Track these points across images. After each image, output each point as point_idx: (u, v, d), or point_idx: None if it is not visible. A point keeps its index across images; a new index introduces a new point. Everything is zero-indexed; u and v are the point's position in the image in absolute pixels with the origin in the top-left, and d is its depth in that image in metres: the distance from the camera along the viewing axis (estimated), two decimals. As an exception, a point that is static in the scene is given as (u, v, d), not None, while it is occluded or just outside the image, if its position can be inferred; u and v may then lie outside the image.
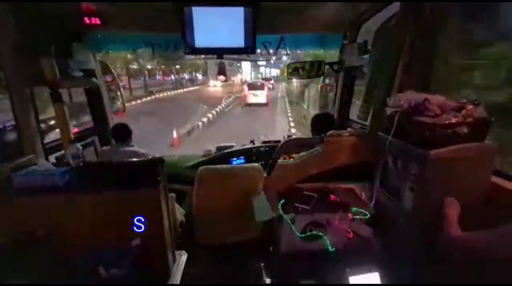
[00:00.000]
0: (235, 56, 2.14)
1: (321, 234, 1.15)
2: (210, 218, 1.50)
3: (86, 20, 1.73)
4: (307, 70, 2.35)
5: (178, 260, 1.55)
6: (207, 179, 1.49)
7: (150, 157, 2.21)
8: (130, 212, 1.31)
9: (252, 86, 15.07)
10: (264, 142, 2.50)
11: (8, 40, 1.34)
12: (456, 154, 0.98)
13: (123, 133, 2.18)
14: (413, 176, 1.06)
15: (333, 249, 1.12)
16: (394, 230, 1.18)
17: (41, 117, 1.55)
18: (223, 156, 2.34)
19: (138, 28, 1.94)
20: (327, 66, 2.33)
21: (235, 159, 2.30)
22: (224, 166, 1.53)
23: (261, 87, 14.78)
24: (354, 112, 2.21)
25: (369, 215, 1.23)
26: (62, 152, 1.74)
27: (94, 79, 1.99)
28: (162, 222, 1.41)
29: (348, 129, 2.12)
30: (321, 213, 1.19)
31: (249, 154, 2.34)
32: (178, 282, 1.46)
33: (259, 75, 35.74)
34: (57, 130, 1.69)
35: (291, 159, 1.49)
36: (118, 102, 2.63)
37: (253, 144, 2.50)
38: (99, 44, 2.05)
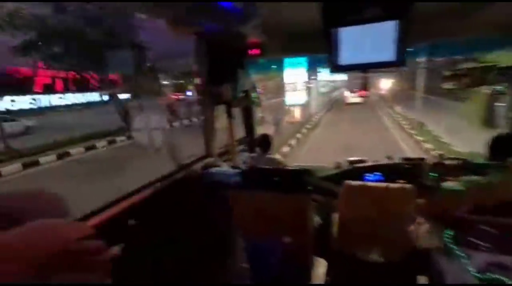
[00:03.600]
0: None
1: (506, 281, 0.95)
2: (353, 232, 1.51)
3: (250, 51, 2.15)
4: (470, 76, 1.98)
5: (317, 266, 1.65)
6: (352, 194, 1.52)
7: (286, 165, 2.46)
8: (282, 213, 1.52)
9: (351, 91, 20.78)
10: (404, 159, 2.27)
11: (204, 72, 1.87)
12: None
13: (265, 143, 2.54)
14: None
15: None
16: None
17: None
18: (357, 170, 2.30)
19: (288, 52, 2.22)
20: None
21: (369, 174, 2.21)
22: (373, 183, 1.51)
23: (358, 91, 19.71)
24: None
25: None
26: (226, 156, 2.22)
27: (250, 98, 2.44)
28: (307, 227, 1.56)
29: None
30: (506, 254, 0.98)
31: (386, 171, 2.19)
32: None
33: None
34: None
35: (456, 183, 1.30)
36: (259, 115, 3.08)
37: (391, 159, 2.32)
38: (255, 68, 2.49)
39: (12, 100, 18.92)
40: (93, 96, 23.76)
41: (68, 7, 9.13)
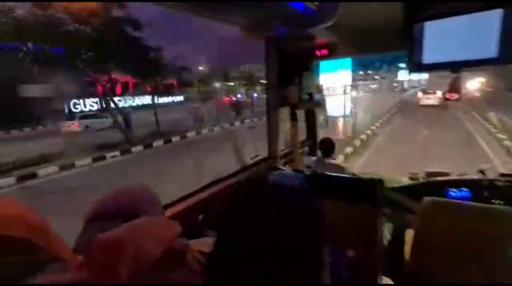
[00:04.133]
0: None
1: None
2: (434, 257, 1.32)
3: (317, 52, 2.08)
4: None
5: (384, 287, 1.50)
6: (436, 212, 1.33)
7: (350, 171, 2.31)
8: (348, 224, 1.43)
9: (426, 92, 18.69)
10: (503, 175, 1.89)
11: (273, 76, 1.89)
12: None
13: (328, 147, 2.43)
14: None
15: None
16: None
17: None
18: (436, 184, 2.01)
19: (359, 51, 2.08)
20: None
21: (454, 190, 1.90)
22: (463, 202, 1.30)
23: (433, 93, 17.85)
24: None
25: None
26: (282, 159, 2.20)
27: (313, 100, 2.37)
28: (375, 242, 1.43)
29: None
30: None
31: (476, 187, 1.85)
32: None
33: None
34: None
35: None
36: (322, 117, 2.97)
37: (484, 174, 1.96)
38: (319, 69, 2.41)
39: (75, 103, 20.94)
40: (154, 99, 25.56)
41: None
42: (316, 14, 1.29)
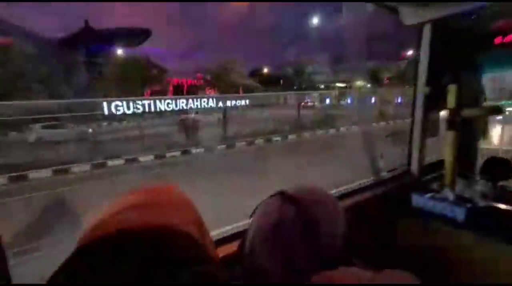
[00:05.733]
0: None
1: None
2: None
3: (497, 39, 1.53)
4: None
5: None
6: None
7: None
8: None
9: None
10: None
11: (425, 71, 1.50)
12: None
13: (500, 170, 1.76)
14: None
15: None
16: None
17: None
18: None
19: None
20: None
21: None
22: None
23: None
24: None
25: None
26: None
27: (482, 105, 1.77)
28: None
29: None
30: None
31: None
32: None
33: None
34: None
35: None
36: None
37: None
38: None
39: (117, 105, 22.58)
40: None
41: None
42: None
